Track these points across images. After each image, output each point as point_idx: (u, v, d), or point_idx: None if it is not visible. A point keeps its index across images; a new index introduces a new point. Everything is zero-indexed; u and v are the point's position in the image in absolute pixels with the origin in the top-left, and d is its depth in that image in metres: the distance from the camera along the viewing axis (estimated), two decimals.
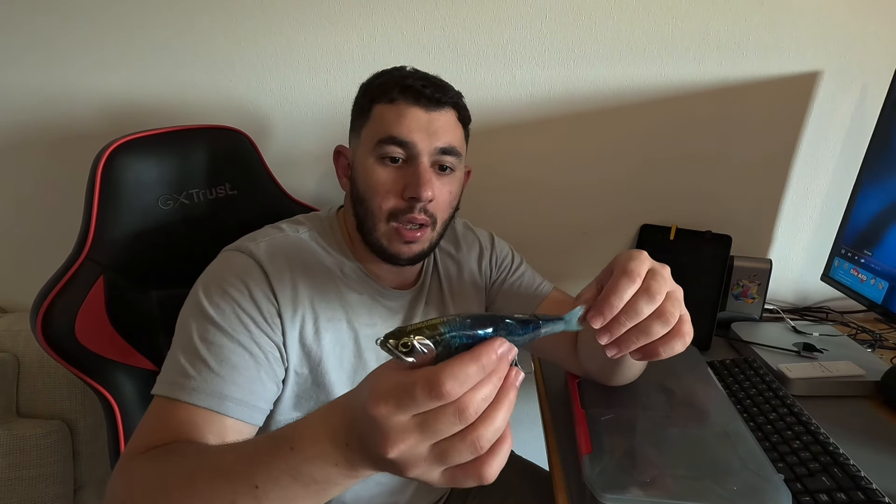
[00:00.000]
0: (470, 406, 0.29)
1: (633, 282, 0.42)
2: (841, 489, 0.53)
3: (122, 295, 0.68)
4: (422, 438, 0.30)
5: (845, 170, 0.98)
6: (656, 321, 0.42)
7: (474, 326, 0.33)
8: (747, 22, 0.91)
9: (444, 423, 0.29)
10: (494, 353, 0.31)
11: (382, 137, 0.59)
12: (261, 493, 0.36)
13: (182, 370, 0.52)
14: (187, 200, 0.75)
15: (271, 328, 0.56)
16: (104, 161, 0.67)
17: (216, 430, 0.50)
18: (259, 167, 0.87)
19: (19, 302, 1.02)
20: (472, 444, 0.30)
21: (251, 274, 0.57)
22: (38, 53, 0.88)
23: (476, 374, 0.30)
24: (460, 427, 0.30)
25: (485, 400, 0.30)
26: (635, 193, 1.02)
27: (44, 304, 0.61)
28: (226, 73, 0.91)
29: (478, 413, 0.30)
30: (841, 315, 1.03)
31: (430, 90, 0.59)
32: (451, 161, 0.61)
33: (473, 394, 0.30)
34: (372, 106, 0.61)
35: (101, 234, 0.67)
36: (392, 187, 0.60)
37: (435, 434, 0.30)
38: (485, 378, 0.30)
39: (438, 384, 0.29)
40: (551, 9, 0.90)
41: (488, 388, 0.30)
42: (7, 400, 0.90)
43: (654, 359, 0.43)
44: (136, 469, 0.46)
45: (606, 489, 0.50)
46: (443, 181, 0.62)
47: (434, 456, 0.30)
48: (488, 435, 0.30)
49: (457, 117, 0.63)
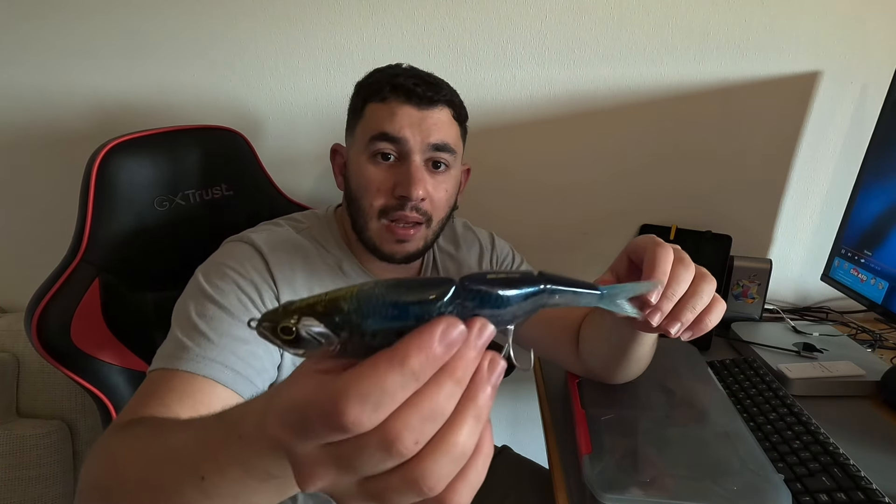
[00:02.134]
0: (401, 433, 0.20)
1: (668, 252, 0.41)
2: (841, 489, 0.53)
3: (117, 297, 0.68)
4: (341, 475, 0.21)
5: (845, 170, 0.98)
6: (701, 283, 0.42)
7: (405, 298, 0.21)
8: (747, 22, 0.91)
9: (366, 460, 0.20)
10: (433, 344, 0.20)
11: (374, 134, 0.59)
12: (209, 485, 0.28)
13: (179, 343, 0.51)
14: (183, 201, 0.75)
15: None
16: (98, 162, 0.66)
17: (210, 402, 0.48)
18: (255, 167, 0.87)
19: (19, 302, 1.02)
20: (416, 486, 0.20)
21: (252, 260, 0.57)
22: (34, 54, 0.88)
23: (403, 388, 0.20)
24: (394, 462, 0.20)
25: (430, 420, 0.20)
26: (635, 193, 1.02)
27: (38, 308, 0.61)
28: (225, 73, 0.91)
29: (419, 443, 0.20)
30: (841, 315, 1.03)
31: (421, 88, 0.59)
32: (446, 158, 0.61)
33: (406, 417, 0.20)
34: (365, 104, 0.61)
35: (96, 235, 0.67)
36: (383, 185, 0.60)
37: (357, 472, 0.21)
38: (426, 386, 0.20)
39: (336, 412, 0.19)
40: (551, 9, 0.90)
41: (433, 399, 0.20)
42: (7, 400, 0.90)
43: (703, 332, 0.43)
44: (105, 443, 0.42)
45: (606, 489, 0.50)
46: (437, 179, 0.61)
47: (369, 494, 0.21)
48: (441, 470, 0.20)
49: (451, 115, 0.62)
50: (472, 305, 0.22)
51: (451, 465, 0.21)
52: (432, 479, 0.20)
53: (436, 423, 0.20)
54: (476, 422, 0.21)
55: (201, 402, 0.48)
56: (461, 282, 0.22)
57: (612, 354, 0.61)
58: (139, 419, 0.44)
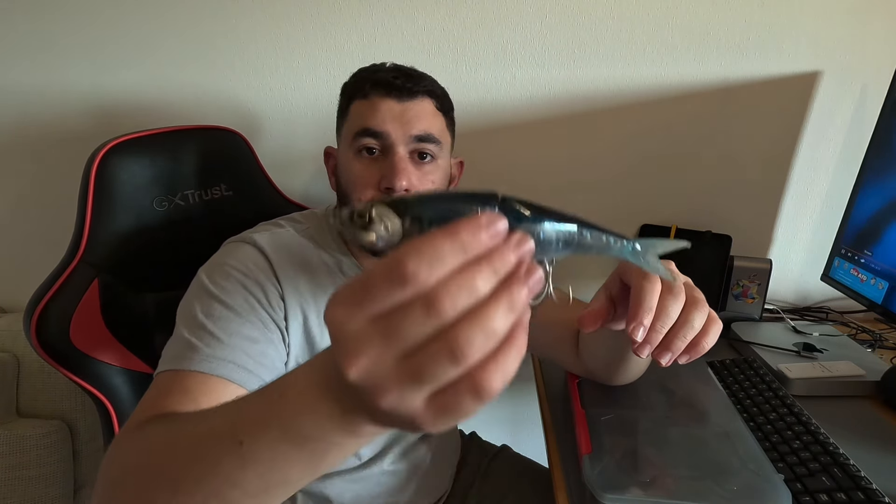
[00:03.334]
0: (442, 295, 0.21)
1: (655, 285, 0.41)
2: (841, 489, 0.53)
3: (117, 297, 0.68)
4: (385, 346, 0.22)
5: (845, 170, 0.98)
6: (692, 311, 0.41)
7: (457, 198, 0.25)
8: (747, 22, 0.91)
9: (409, 320, 0.22)
10: (480, 230, 0.23)
11: (357, 130, 0.60)
12: (246, 450, 0.29)
13: (188, 344, 0.50)
14: (182, 202, 0.75)
15: (274, 310, 0.56)
16: (98, 162, 0.66)
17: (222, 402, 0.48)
18: (254, 167, 0.87)
19: (19, 302, 1.02)
20: (450, 349, 0.21)
21: (255, 260, 0.58)
22: (34, 54, 0.88)
23: (452, 255, 0.22)
24: (433, 326, 0.22)
25: (466, 291, 0.22)
26: (635, 193, 1.02)
27: (38, 309, 0.61)
28: (225, 72, 0.91)
29: (456, 308, 0.22)
30: (841, 315, 1.03)
31: (401, 80, 0.60)
32: (431, 149, 0.62)
33: (448, 280, 0.22)
34: (349, 104, 0.63)
35: (95, 236, 0.67)
36: (369, 179, 0.61)
37: (400, 337, 0.22)
38: (469, 263, 0.22)
39: (398, 263, 0.22)
40: (551, 9, 0.90)
41: (473, 276, 0.22)
42: (7, 400, 0.90)
43: (699, 355, 0.42)
44: (124, 441, 0.42)
45: (606, 489, 0.50)
46: (423, 170, 0.62)
47: (406, 372, 0.22)
48: (473, 337, 0.21)
49: (435, 106, 0.63)
50: (510, 218, 0.24)
51: (485, 339, 0.22)
52: (466, 346, 0.21)
53: (471, 296, 0.22)
54: (509, 309, 0.22)
55: (214, 402, 0.46)
56: (502, 198, 0.26)
57: (611, 358, 0.61)
58: (162, 415, 0.43)
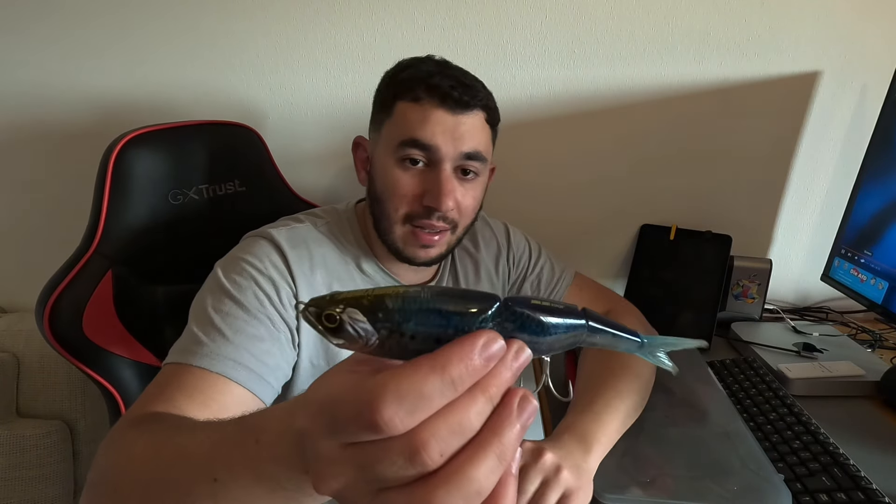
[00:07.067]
0: (429, 442, 0.19)
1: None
2: (841, 489, 0.53)
3: (129, 289, 0.68)
4: (360, 476, 0.20)
5: (845, 170, 0.98)
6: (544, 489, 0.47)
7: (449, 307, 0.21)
8: (747, 22, 0.91)
9: (387, 466, 0.19)
10: (474, 355, 0.20)
11: (404, 139, 0.56)
12: (219, 488, 0.28)
13: (194, 338, 0.51)
14: (197, 196, 0.74)
15: (286, 309, 0.56)
16: (116, 154, 0.66)
17: (223, 400, 0.48)
18: (267, 164, 0.87)
19: (19, 302, 1.02)
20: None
21: (271, 257, 0.57)
22: (43, 53, 0.88)
23: (440, 394, 0.19)
24: (416, 471, 0.19)
25: (458, 434, 0.19)
26: (635, 193, 1.02)
27: (51, 298, 0.60)
28: (224, 72, 0.91)
29: (445, 454, 0.19)
30: (841, 315, 1.03)
31: (458, 92, 0.55)
32: (476, 166, 0.59)
33: (435, 426, 0.19)
34: (395, 101, 0.58)
35: (110, 228, 0.66)
36: (410, 192, 0.58)
37: (376, 479, 0.20)
38: (460, 399, 0.20)
39: (371, 409, 0.19)
40: (551, 9, 0.90)
41: (466, 412, 0.19)
42: (7, 400, 0.90)
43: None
44: (116, 438, 0.42)
45: (606, 489, 0.50)
46: (466, 187, 0.60)
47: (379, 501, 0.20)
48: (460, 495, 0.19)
49: (485, 119, 0.59)
50: (511, 327, 0.22)
51: (463, 500, 0.19)
52: (451, 499, 0.19)
53: (463, 437, 0.19)
54: (498, 461, 0.20)
55: (213, 399, 0.47)
56: (505, 301, 0.22)
57: None
58: (153, 415, 0.44)
